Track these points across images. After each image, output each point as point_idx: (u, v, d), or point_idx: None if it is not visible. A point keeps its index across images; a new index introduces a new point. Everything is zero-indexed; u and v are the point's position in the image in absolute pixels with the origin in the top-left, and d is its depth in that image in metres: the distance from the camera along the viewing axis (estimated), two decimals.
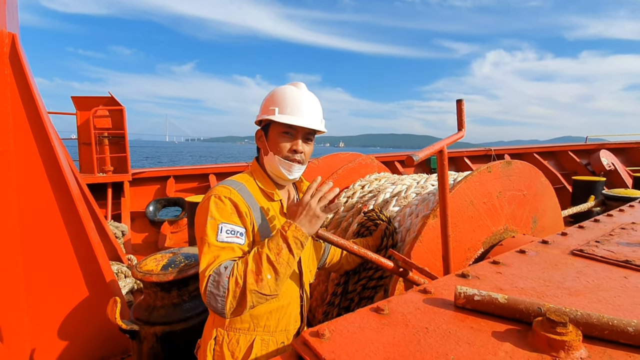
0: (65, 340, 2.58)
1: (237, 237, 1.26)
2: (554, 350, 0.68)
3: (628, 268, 1.13)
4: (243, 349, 1.34)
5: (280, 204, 1.48)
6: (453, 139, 1.63)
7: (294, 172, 1.42)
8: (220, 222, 1.25)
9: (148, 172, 6.51)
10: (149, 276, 2.08)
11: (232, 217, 1.29)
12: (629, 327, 0.71)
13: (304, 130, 1.41)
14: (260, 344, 1.35)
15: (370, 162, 2.95)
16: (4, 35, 2.36)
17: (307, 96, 1.44)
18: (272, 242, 1.23)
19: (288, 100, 1.39)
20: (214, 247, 1.22)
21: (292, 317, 1.45)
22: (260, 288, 1.17)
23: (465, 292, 0.86)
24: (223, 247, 1.23)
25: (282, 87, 1.46)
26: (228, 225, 1.26)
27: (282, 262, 1.21)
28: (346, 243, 1.55)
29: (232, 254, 1.23)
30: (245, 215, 1.31)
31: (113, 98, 6.43)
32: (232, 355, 1.33)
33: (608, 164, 8.38)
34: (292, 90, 1.43)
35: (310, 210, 1.27)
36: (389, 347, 0.71)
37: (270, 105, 1.41)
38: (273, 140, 1.41)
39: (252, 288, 1.16)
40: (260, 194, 1.43)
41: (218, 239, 1.23)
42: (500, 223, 2.08)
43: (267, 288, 1.18)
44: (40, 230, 2.49)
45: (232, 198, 1.30)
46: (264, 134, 1.46)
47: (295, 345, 0.74)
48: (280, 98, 1.40)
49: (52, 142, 2.53)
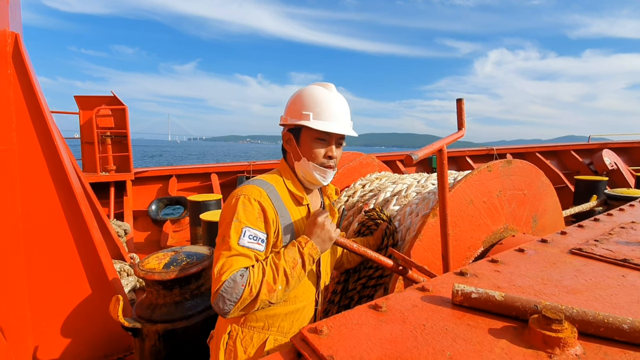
0: (68, 338, 2.60)
1: (258, 244, 1.26)
2: (550, 347, 0.69)
3: (626, 267, 1.13)
4: (255, 346, 1.36)
5: (307, 209, 1.45)
6: (453, 138, 1.64)
7: (327, 178, 1.43)
8: (245, 225, 1.24)
9: (150, 171, 6.54)
10: (151, 274, 2.10)
11: (257, 222, 1.27)
12: (624, 325, 0.72)
13: (337, 135, 1.40)
14: (272, 344, 1.36)
15: (371, 161, 2.96)
16: (7, 34, 2.38)
17: (339, 100, 1.42)
18: (289, 255, 1.26)
19: (322, 105, 1.36)
20: (234, 250, 1.21)
21: (306, 320, 1.46)
22: (270, 298, 1.21)
23: (462, 289, 0.87)
24: (242, 252, 1.22)
25: (312, 89, 1.41)
26: (252, 230, 1.25)
27: (295, 275, 1.25)
28: (346, 242, 1.55)
29: (249, 262, 1.23)
30: (272, 222, 1.30)
31: (115, 97, 6.46)
32: (244, 351, 1.36)
33: (610, 164, 8.35)
34: (324, 93, 1.39)
35: (325, 232, 1.32)
36: (386, 344, 0.72)
37: (302, 108, 1.37)
38: (306, 146, 1.39)
39: (264, 298, 1.20)
40: (288, 196, 1.41)
41: (240, 243, 1.22)
42: (500, 222, 2.09)
43: (276, 298, 1.23)
44: (43, 229, 2.51)
45: (262, 202, 1.28)
46: (293, 137, 1.42)
47: (293, 341, 0.75)
48: (313, 102, 1.37)
49: (55, 141, 2.55)
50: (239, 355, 1.35)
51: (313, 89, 1.41)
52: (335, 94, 1.42)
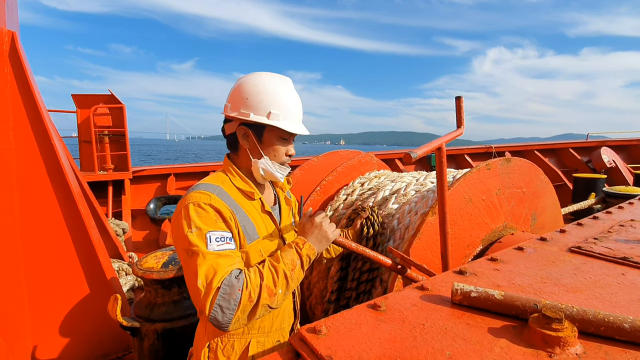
0: (67, 338, 2.59)
1: (227, 244, 1.17)
2: (549, 346, 0.68)
3: (626, 265, 1.13)
4: (238, 353, 1.30)
5: (261, 202, 1.38)
6: (452, 136, 1.63)
7: (285, 174, 1.41)
8: (207, 231, 1.15)
9: (148, 170, 6.52)
10: (150, 274, 2.09)
11: (217, 224, 1.18)
12: (624, 324, 0.71)
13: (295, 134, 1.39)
14: (256, 346, 1.32)
15: (370, 159, 2.95)
16: (4, 33, 2.36)
17: (298, 98, 1.39)
18: (287, 257, 1.22)
19: (289, 105, 1.34)
20: (210, 255, 1.11)
21: (286, 315, 1.43)
22: (271, 302, 1.14)
23: (462, 288, 0.86)
24: (220, 255, 1.13)
25: (275, 84, 1.34)
26: (216, 232, 1.16)
27: (295, 277, 1.21)
28: (344, 240, 1.55)
29: (230, 261, 1.14)
30: (229, 219, 1.22)
31: (113, 96, 6.43)
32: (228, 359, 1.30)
33: (609, 161, 8.36)
34: (289, 92, 1.35)
35: (323, 232, 1.32)
36: (385, 343, 0.72)
37: (270, 106, 1.30)
38: (270, 145, 1.35)
39: (265, 302, 1.12)
40: (239, 194, 1.33)
41: (209, 249, 1.12)
42: (499, 220, 2.08)
43: (277, 302, 1.16)
44: (41, 228, 2.50)
45: (213, 204, 1.20)
46: (253, 134, 1.33)
47: (292, 341, 0.75)
48: (280, 100, 1.32)
49: (52, 140, 2.54)
50: None
51: (276, 84, 1.34)
52: (294, 90, 1.39)
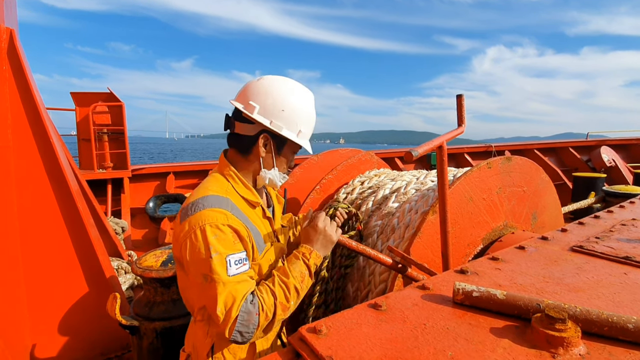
0: (66, 336, 2.58)
1: (244, 265, 1.18)
2: (553, 347, 0.68)
3: (628, 264, 1.12)
4: (245, 349, 1.32)
5: (262, 210, 1.38)
6: (453, 134, 1.62)
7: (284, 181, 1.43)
8: (226, 255, 1.13)
9: (148, 168, 6.51)
10: (149, 272, 2.08)
11: (235, 246, 1.18)
12: (628, 324, 0.70)
13: None
14: (261, 340, 1.34)
15: (370, 158, 2.95)
16: (2, 30, 2.35)
17: None
18: (296, 270, 1.24)
19: (312, 123, 1.37)
20: (230, 284, 1.12)
21: None
22: (286, 315, 1.21)
23: (463, 288, 0.86)
24: (238, 281, 1.13)
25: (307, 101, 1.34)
26: (235, 256, 1.15)
27: (305, 287, 1.26)
28: (345, 239, 1.54)
29: (247, 286, 1.16)
30: (246, 238, 1.23)
31: (112, 94, 6.41)
32: (234, 357, 1.31)
33: (609, 161, 8.36)
34: (313, 110, 1.37)
35: (327, 236, 1.33)
36: (386, 343, 0.71)
37: (300, 124, 1.31)
38: (285, 158, 1.37)
39: (280, 318, 1.19)
40: (244, 204, 1.31)
41: (229, 274, 1.12)
42: (499, 219, 2.08)
43: (289, 312, 1.23)
44: (39, 227, 2.49)
45: (232, 224, 1.19)
46: (274, 144, 1.32)
47: (292, 341, 0.74)
48: (309, 120, 1.34)
49: (51, 138, 2.53)
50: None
51: (309, 102, 1.35)
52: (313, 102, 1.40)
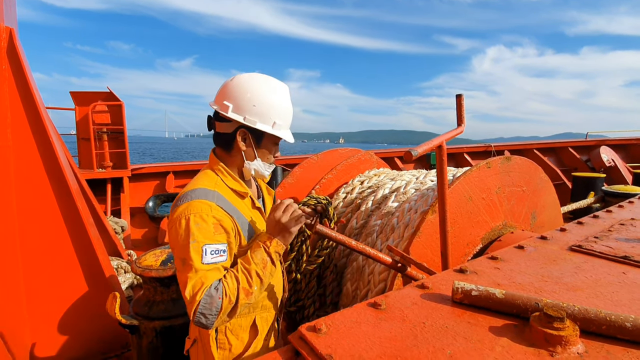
0: (65, 335, 2.59)
1: (220, 256, 1.25)
2: (551, 345, 0.68)
3: (626, 264, 1.12)
4: (246, 330, 1.44)
5: (251, 200, 1.48)
6: (452, 134, 1.63)
7: (270, 171, 1.52)
8: (203, 244, 1.22)
9: (147, 167, 6.50)
10: (149, 271, 2.09)
11: (214, 237, 1.25)
12: (626, 323, 0.71)
13: None
14: (260, 321, 1.46)
15: (370, 158, 2.95)
16: (2, 29, 2.34)
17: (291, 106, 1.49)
18: (257, 257, 1.29)
19: (287, 115, 1.43)
20: (201, 271, 1.20)
21: (280, 290, 1.58)
22: (249, 300, 1.26)
23: (462, 287, 0.86)
24: (209, 269, 1.21)
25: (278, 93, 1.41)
26: (212, 246, 1.23)
27: (267, 273, 1.30)
28: (344, 238, 1.54)
29: (218, 275, 1.23)
30: (231, 229, 1.31)
31: (112, 93, 6.40)
32: (237, 338, 1.42)
33: (608, 160, 8.36)
34: (287, 101, 1.44)
35: (283, 226, 1.34)
36: (385, 342, 0.71)
37: (274, 116, 1.38)
38: (265, 149, 1.44)
39: (244, 302, 1.24)
40: (232, 194, 1.40)
41: (203, 262, 1.21)
42: (499, 219, 2.08)
43: (254, 298, 1.28)
44: (39, 226, 2.49)
45: (216, 215, 1.27)
46: (253, 138, 1.40)
47: (292, 340, 0.74)
48: (283, 111, 1.40)
49: (50, 137, 2.52)
50: (234, 343, 1.41)
51: (280, 94, 1.41)
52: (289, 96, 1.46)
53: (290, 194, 2.84)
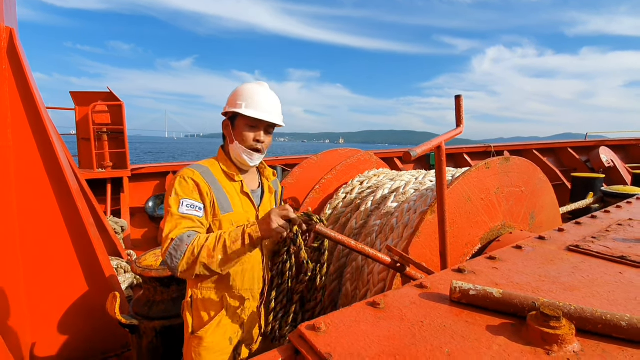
0: (65, 335, 2.59)
1: (195, 211, 1.48)
2: (548, 344, 0.69)
3: (623, 264, 1.13)
4: (215, 303, 1.61)
5: (241, 184, 1.66)
6: (451, 134, 1.64)
7: (254, 160, 1.65)
8: (182, 197, 1.48)
9: (147, 167, 6.51)
10: (149, 271, 2.09)
11: (193, 195, 1.50)
12: (622, 322, 0.72)
13: (265, 123, 1.63)
14: (228, 299, 1.61)
15: (369, 158, 2.96)
16: (2, 29, 2.35)
17: (269, 94, 1.65)
18: (234, 232, 1.44)
19: (254, 97, 1.60)
20: (176, 216, 1.44)
21: (255, 279, 1.68)
22: (209, 263, 1.39)
23: (460, 286, 0.87)
24: (183, 217, 1.45)
25: (248, 85, 1.65)
26: (188, 200, 1.48)
27: (234, 249, 1.41)
28: (344, 238, 1.55)
29: (191, 224, 1.46)
30: (206, 194, 1.53)
31: (112, 93, 6.41)
32: (205, 307, 1.61)
33: (607, 161, 8.38)
34: (255, 88, 1.63)
35: (271, 222, 1.43)
36: (384, 341, 0.72)
37: (237, 99, 1.61)
38: (239, 131, 1.62)
39: (203, 261, 1.39)
40: (223, 175, 1.63)
41: (179, 210, 1.45)
42: (497, 219, 2.09)
43: (215, 265, 1.40)
44: (39, 226, 2.49)
45: (194, 178, 1.52)
46: (230, 124, 1.66)
47: (291, 338, 0.75)
48: (247, 94, 1.61)
49: (50, 137, 2.53)
50: (202, 314, 1.61)
51: (249, 84, 1.66)
52: (267, 89, 1.66)
53: (291, 194, 2.85)
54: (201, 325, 1.60)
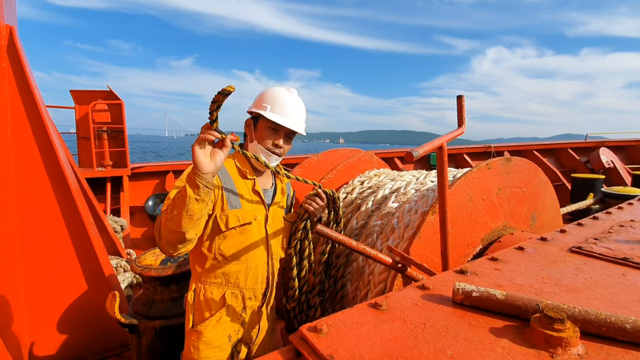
0: (65, 334, 2.58)
1: None
2: (552, 347, 0.68)
3: (626, 265, 1.13)
4: (216, 299, 1.61)
5: (253, 182, 1.66)
6: (453, 135, 1.63)
7: (271, 162, 1.66)
8: None
9: (147, 166, 6.50)
10: (148, 270, 2.09)
11: None
12: (626, 324, 0.71)
13: (286, 129, 1.64)
14: (230, 296, 1.61)
15: (370, 158, 2.95)
16: (2, 27, 2.34)
17: (295, 101, 1.66)
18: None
19: (279, 101, 1.62)
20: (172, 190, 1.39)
21: (258, 278, 1.67)
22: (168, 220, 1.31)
23: (463, 288, 0.86)
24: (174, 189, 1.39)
25: (277, 88, 1.67)
26: None
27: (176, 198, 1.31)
28: (345, 238, 1.55)
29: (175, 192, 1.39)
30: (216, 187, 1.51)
31: (112, 92, 6.39)
32: (206, 303, 1.61)
33: (607, 162, 8.37)
34: (284, 93, 1.65)
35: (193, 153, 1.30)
36: (386, 343, 0.71)
37: (263, 101, 1.63)
38: (260, 132, 1.64)
39: (167, 224, 1.33)
40: (236, 172, 1.64)
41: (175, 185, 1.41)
42: (499, 220, 2.08)
43: (173, 222, 1.31)
44: (39, 225, 2.49)
45: None
46: (252, 123, 1.68)
47: (292, 340, 0.74)
48: (273, 98, 1.62)
49: (50, 136, 2.52)
50: (203, 307, 1.61)
51: (278, 88, 1.67)
52: (295, 96, 1.67)
53: None
54: (202, 320, 1.61)
